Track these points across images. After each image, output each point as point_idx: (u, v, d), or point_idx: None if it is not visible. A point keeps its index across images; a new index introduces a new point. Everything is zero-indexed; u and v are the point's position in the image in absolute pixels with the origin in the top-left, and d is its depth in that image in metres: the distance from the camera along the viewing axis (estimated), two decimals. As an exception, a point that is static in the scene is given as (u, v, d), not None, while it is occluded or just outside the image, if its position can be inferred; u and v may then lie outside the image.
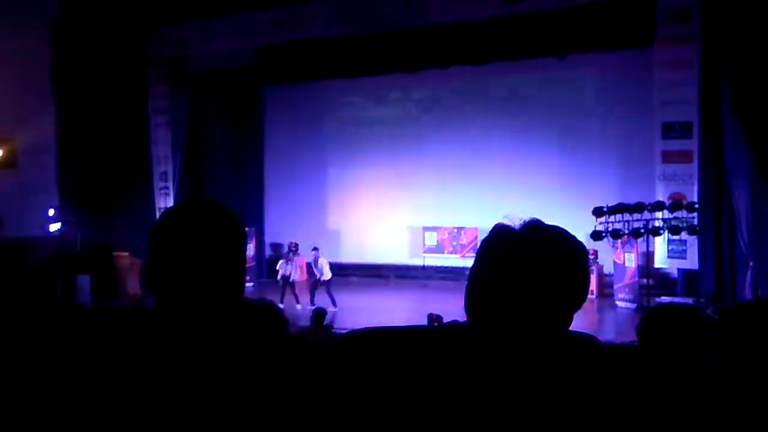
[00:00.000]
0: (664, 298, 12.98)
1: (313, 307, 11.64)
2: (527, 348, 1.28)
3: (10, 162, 14.97)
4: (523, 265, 1.34)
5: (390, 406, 1.25)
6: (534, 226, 1.41)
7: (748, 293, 12.50)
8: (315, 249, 15.37)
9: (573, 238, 1.41)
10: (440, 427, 1.22)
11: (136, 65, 17.08)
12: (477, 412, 1.22)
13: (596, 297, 15.98)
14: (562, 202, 16.99)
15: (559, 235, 1.40)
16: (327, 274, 14.76)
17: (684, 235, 13.33)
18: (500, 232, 1.41)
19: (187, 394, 1.38)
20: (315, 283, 14.92)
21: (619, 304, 14.74)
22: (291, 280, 15.25)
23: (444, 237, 19.03)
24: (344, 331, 1.66)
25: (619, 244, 14.64)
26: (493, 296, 1.34)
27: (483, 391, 1.23)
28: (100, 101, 16.18)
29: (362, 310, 14.33)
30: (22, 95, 14.68)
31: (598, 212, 14.20)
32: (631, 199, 14.01)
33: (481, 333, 1.32)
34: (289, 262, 15.39)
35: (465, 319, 1.38)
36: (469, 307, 1.36)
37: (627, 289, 14.62)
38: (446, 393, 1.24)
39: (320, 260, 14.94)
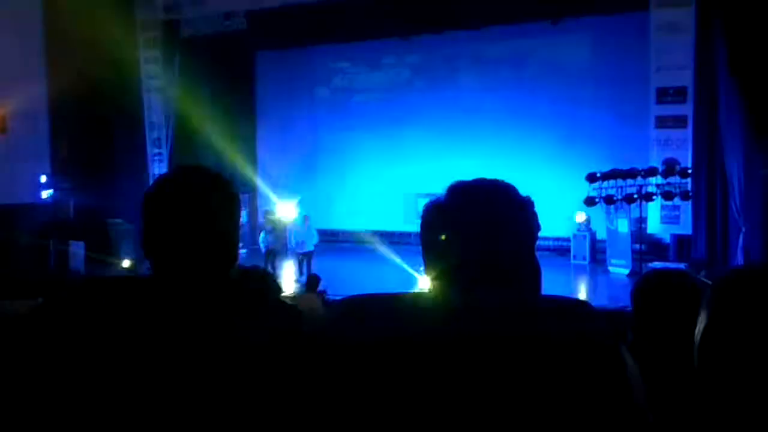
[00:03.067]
0: (657, 264, 13.05)
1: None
2: (487, 311, 1.29)
3: (1, 128, 14.87)
4: (454, 230, 1.36)
5: (385, 371, 1.25)
6: (453, 189, 1.42)
7: (739, 258, 12.58)
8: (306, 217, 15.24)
9: (497, 186, 1.42)
10: (432, 391, 1.22)
11: (127, 30, 16.90)
12: (465, 378, 1.22)
13: (589, 262, 16.07)
14: (556, 168, 17.02)
15: (481, 190, 1.41)
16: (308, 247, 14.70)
17: (677, 201, 13.36)
18: (427, 208, 1.43)
19: (181, 360, 1.38)
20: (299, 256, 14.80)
21: (612, 269, 14.82)
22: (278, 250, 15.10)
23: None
24: (339, 297, 1.67)
25: (612, 210, 14.68)
26: (438, 269, 1.37)
27: (462, 359, 1.24)
28: (91, 66, 16.03)
29: (356, 277, 14.36)
30: (13, 60, 14.53)
31: (591, 178, 14.21)
32: (625, 165, 14.01)
33: (439, 302, 1.35)
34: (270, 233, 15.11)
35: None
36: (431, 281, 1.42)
37: (620, 255, 14.68)
38: (428, 359, 1.24)
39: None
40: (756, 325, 1.51)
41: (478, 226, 1.35)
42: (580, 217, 16.10)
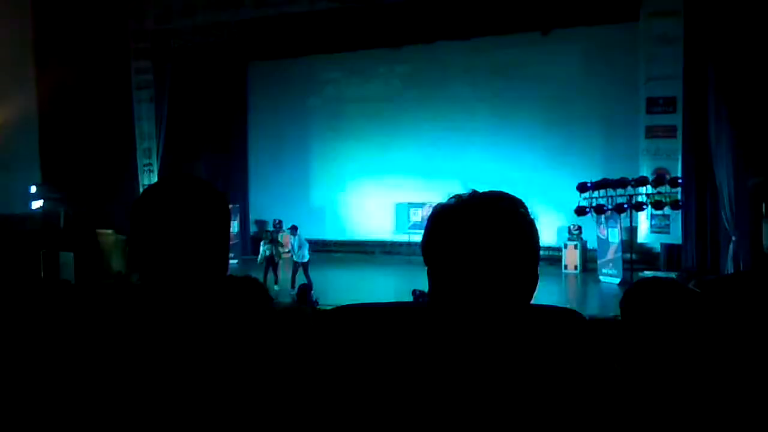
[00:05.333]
0: (647, 273, 13.08)
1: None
2: (492, 321, 1.28)
3: (-10, 138, 14.83)
4: (462, 241, 1.35)
5: (372, 381, 1.25)
6: (469, 198, 1.41)
7: (729, 267, 12.62)
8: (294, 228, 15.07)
9: (509, 199, 1.41)
10: (419, 402, 1.22)
11: (118, 40, 16.89)
12: (451, 389, 1.22)
13: (580, 272, 16.09)
14: (547, 178, 17.05)
15: (494, 201, 1.40)
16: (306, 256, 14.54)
17: (667, 210, 13.41)
18: (438, 212, 1.42)
19: (173, 370, 1.38)
20: (296, 266, 14.61)
21: (603, 279, 14.85)
22: (276, 260, 14.88)
23: (428, 213, 19.00)
24: (329, 308, 1.67)
25: (603, 220, 14.71)
26: (446, 277, 1.35)
27: (458, 368, 1.23)
28: (82, 77, 16.01)
29: (347, 287, 14.33)
30: (3, 70, 14.49)
31: (582, 187, 14.24)
32: (615, 174, 14.06)
33: (443, 311, 1.33)
34: (271, 244, 14.97)
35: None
36: (429, 288, 1.39)
37: (610, 264, 14.71)
38: (422, 369, 1.24)
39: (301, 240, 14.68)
40: (744, 330, 1.53)
41: (485, 236, 1.34)
42: (571, 226, 16.15)
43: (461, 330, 1.27)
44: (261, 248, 14.92)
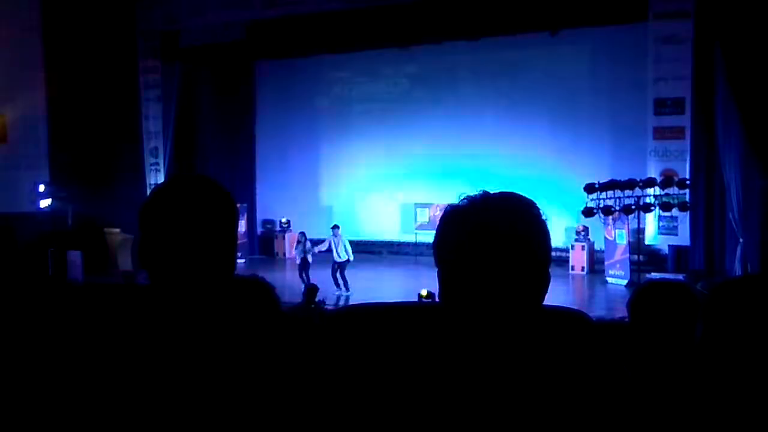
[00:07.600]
0: (655, 274, 13.03)
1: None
2: (503, 322, 1.28)
3: (0, 136, 14.88)
4: (474, 241, 1.34)
5: (381, 381, 1.25)
6: (481, 199, 1.40)
7: (737, 269, 12.57)
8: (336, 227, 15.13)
9: (521, 200, 1.40)
10: (425, 403, 1.22)
11: (126, 39, 16.93)
12: (461, 390, 1.22)
13: (587, 273, 16.05)
14: (554, 179, 17.01)
15: (506, 201, 1.39)
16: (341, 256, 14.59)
17: (675, 212, 13.36)
18: (450, 213, 1.41)
19: (180, 370, 1.38)
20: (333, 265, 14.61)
21: (610, 280, 14.81)
22: (309, 261, 14.97)
23: (436, 214, 19.00)
24: (336, 308, 1.67)
25: (611, 221, 14.67)
26: (457, 278, 1.34)
27: (468, 368, 1.23)
28: (91, 76, 16.05)
29: (354, 287, 14.34)
30: (12, 69, 14.55)
31: (589, 189, 14.21)
32: (623, 176, 14.02)
33: (454, 311, 1.32)
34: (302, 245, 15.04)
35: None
36: (440, 289, 1.39)
37: (618, 266, 14.67)
38: (432, 370, 1.24)
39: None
40: (751, 334, 1.52)
41: (498, 237, 1.33)
42: (579, 227, 16.12)
43: (472, 330, 1.27)
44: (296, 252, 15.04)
